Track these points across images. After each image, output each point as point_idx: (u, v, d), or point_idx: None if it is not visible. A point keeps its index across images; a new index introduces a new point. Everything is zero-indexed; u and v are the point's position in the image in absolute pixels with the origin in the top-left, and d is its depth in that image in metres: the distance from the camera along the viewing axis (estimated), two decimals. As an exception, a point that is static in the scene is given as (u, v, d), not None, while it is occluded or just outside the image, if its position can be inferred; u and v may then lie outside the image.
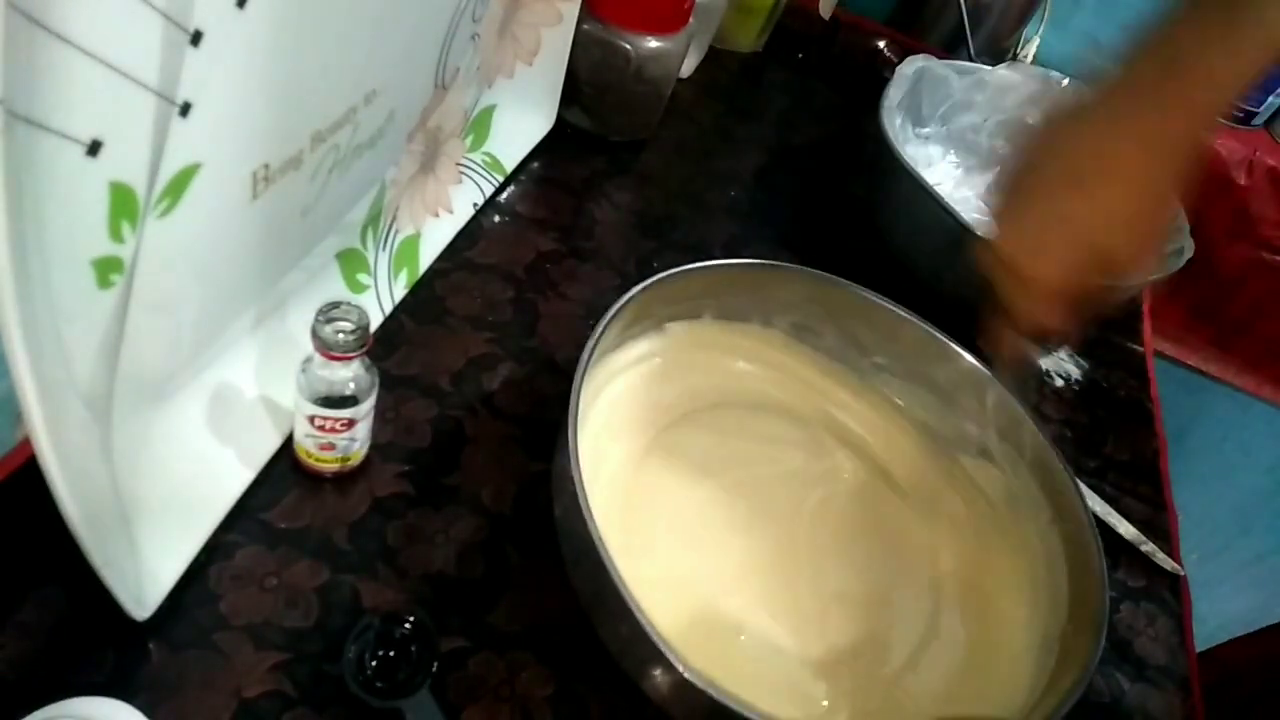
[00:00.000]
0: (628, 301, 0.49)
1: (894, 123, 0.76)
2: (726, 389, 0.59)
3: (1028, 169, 0.46)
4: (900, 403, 0.60)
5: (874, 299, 0.57)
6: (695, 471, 0.54)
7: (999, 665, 0.49)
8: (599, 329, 0.47)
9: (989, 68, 0.83)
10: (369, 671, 0.41)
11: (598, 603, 0.41)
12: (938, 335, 0.56)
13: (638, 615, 0.37)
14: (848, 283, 0.57)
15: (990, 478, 0.56)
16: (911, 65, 0.79)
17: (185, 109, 0.29)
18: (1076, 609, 0.48)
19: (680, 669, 0.37)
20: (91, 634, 0.40)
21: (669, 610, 0.43)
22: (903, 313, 0.57)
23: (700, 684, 0.37)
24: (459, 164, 0.65)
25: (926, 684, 0.49)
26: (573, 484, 0.40)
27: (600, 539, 0.39)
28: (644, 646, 0.38)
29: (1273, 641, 0.78)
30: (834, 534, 0.54)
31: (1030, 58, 1.03)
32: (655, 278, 0.51)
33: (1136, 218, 0.43)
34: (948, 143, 0.85)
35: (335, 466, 0.48)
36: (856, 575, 0.53)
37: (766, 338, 0.60)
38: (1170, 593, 0.62)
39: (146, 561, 0.41)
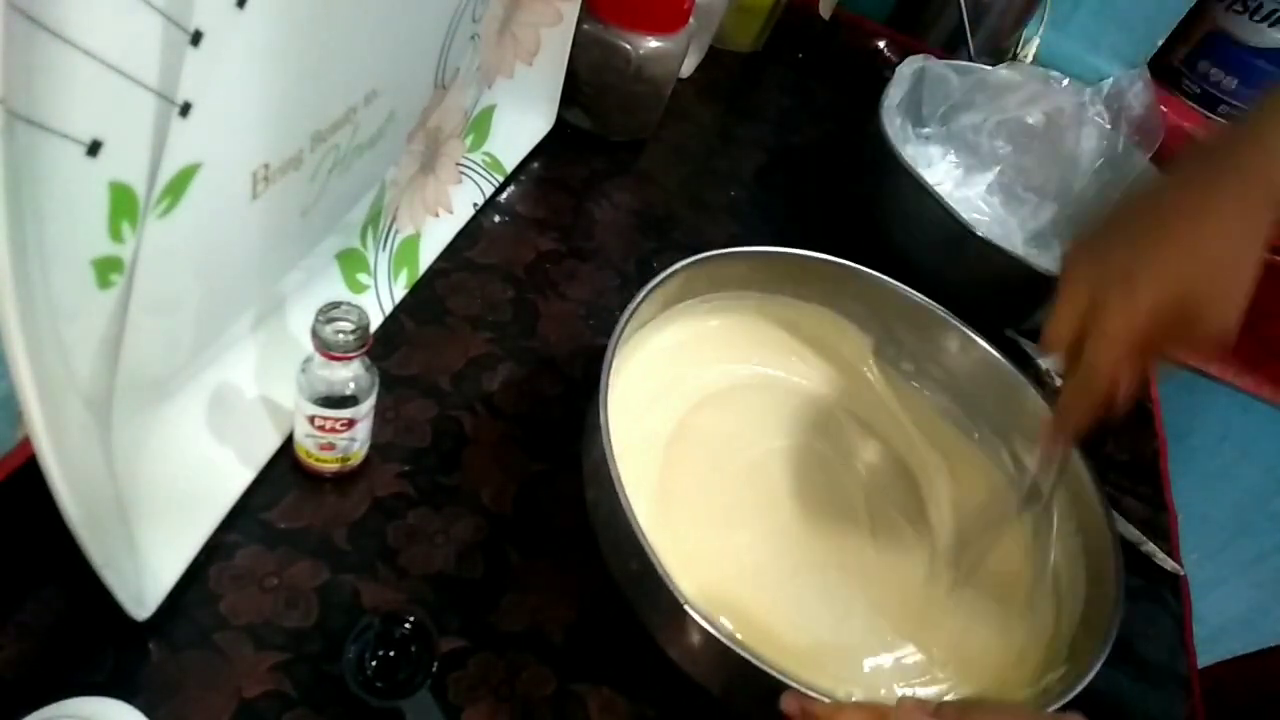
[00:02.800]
0: (665, 279, 0.50)
1: (894, 123, 0.76)
2: (754, 374, 0.60)
3: (1116, 221, 0.44)
4: (934, 402, 0.61)
5: (916, 298, 0.58)
6: (724, 453, 0.55)
7: (1009, 661, 0.50)
8: (633, 304, 0.48)
9: (989, 68, 0.83)
10: (369, 671, 0.41)
11: (633, 579, 0.42)
12: (978, 340, 0.57)
13: (672, 588, 0.38)
14: (890, 280, 0.58)
15: (1019, 481, 0.57)
16: (911, 65, 0.79)
17: (185, 109, 0.29)
18: (1089, 614, 0.49)
19: (710, 628, 0.38)
20: (91, 634, 0.40)
21: (702, 585, 0.45)
22: (942, 313, 0.58)
23: (736, 648, 0.38)
24: (459, 164, 0.65)
25: (942, 675, 0.49)
26: (604, 455, 0.41)
27: (631, 509, 0.40)
28: (680, 616, 0.39)
29: (1268, 662, 0.78)
30: (860, 519, 0.55)
31: (1030, 58, 1.03)
32: (696, 257, 0.52)
33: (1228, 272, 0.41)
34: (948, 143, 0.85)
35: (335, 466, 0.48)
36: (880, 559, 0.54)
37: (799, 326, 0.61)
38: (1170, 593, 0.62)
39: (146, 561, 0.41)
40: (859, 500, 0.56)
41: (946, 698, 0.48)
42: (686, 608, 0.38)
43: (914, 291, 0.58)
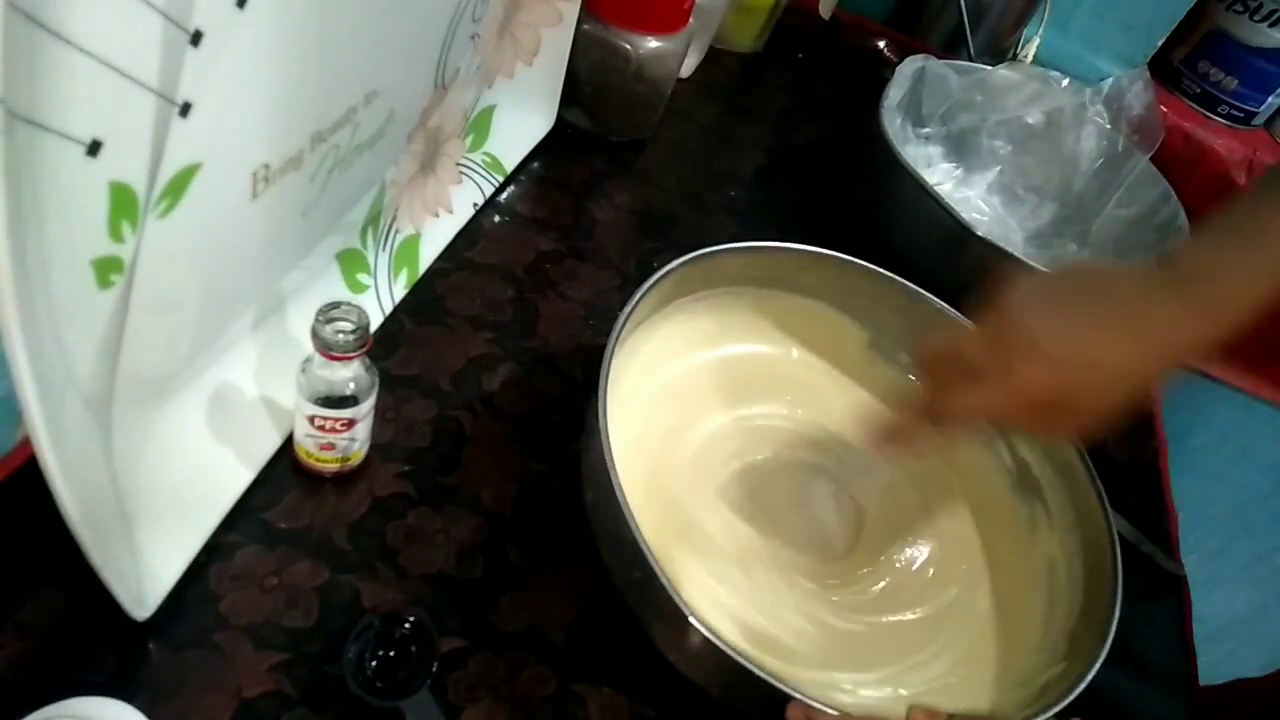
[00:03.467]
0: (660, 279, 0.50)
1: (894, 123, 0.76)
2: (751, 371, 0.60)
3: (1072, 289, 0.43)
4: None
5: (909, 289, 0.58)
6: (722, 451, 0.55)
7: (1006, 657, 0.50)
8: (628, 307, 0.48)
9: (989, 68, 0.83)
10: (369, 671, 0.41)
11: (634, 585, 0.42)
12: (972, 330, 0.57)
13: (674, 597, 0.38)
14: (885, 272, 0.58)
15: (1018, 477, 0.57)
16: (911, 65, 0.79)
17: (185, 109, 0.29)
18: (1089, 609, 0.49)
19: (712, 637, 0.38)
20: (91, 634, 0.40)
21: (702, 586, 0.45)
22: (936, 304, 0.58)
23: (738, 658, 0.38)
24: (459, 164, 0.65)
25: (942, 670, 0.50)
26: (605, 463, 0.41)
27: (632, 514, 0.40)
28: (681, 624, 0.39)
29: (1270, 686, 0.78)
30: (861, 515, 0.55)
31: (1030, 58, 1.03)
32: (690, 256, 0.52)
33: (1129, 386, 0.41)
34: (947, 143, 0.85)
35: (335, 466, 0.48)
36: (880, 555, 0.54)
37: (795, 321, 0.61)
38: (1170, 593, 0.62)
39: (146, 561, 0.41)
40: (858, 495, 0.56)
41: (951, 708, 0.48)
42: (691, 619, 0.38)
43: (907, 282, 0.58)
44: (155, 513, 0.41)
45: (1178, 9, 1.00)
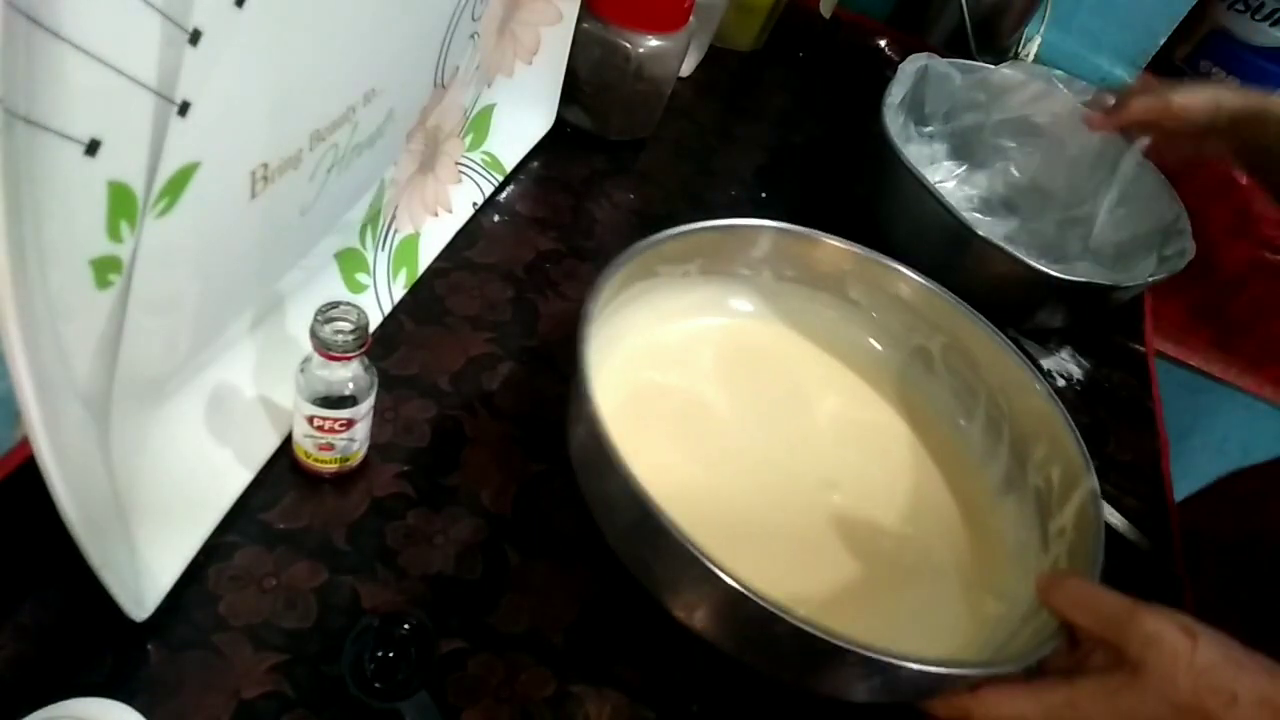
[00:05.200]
0: (650, 246, 0.52)
1: (896, 121, 0.76)
2: (743, 342, 0.60)
3: None
4: (921, 386, 0.61)
5: (903, 270, 0.59)
6: (713, 419, 0.56)
7: (996, 628, 0.50)
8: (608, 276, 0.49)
9: (991, 66, 0.83)
10: (368, 672, 0.41)
11: (633, 541, 0.42)
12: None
13: (674, 532, 0.38)
14: (876, 253, 0.59)
15: (1004, 453, 0.57)
16: (914, 64, 0.79)
17: (184, 108, 0.29)
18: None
19: (716, 570, 0.38)
20: (91, 634, 0.40)
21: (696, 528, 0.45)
22: (926, 283, 0.59)
23: (732, 581, 0.37)
24: (458, 163, 0.65)
25: (925, 633, 0.49)
26: (591, 415, 0.41)
27: (620, 459, 0.40)
28: (682, 564, 0.39)
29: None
30: (852, 497, 0.55)
31: (1032, 56, 1.03)
32: (696, 225, 0.54)
33: None
34: (951, 141, 0.85)
35: (334, 467, 0.48)
36: (871, 534, 0.54)
37: (787, 298, 0.62)
38: (1170, 593, 0.62)
39: (145, 562, 0.41)
40: (848, 475, 0.56)
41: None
42: (705, 561, 0.37)
43: (908, 266, 0.58)
44: (154, 513, 0.41)
45: (1179, 8, 1.00)
